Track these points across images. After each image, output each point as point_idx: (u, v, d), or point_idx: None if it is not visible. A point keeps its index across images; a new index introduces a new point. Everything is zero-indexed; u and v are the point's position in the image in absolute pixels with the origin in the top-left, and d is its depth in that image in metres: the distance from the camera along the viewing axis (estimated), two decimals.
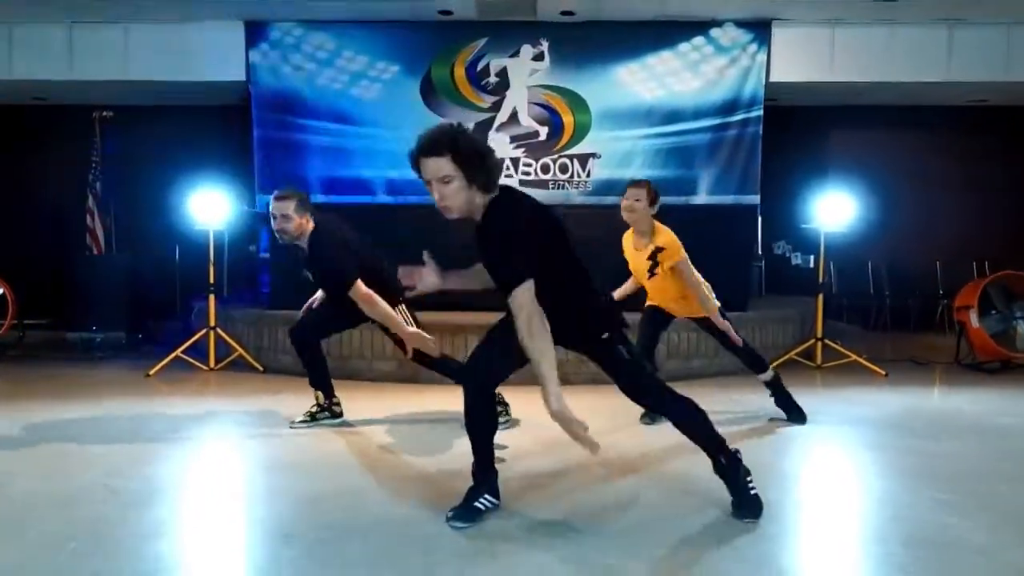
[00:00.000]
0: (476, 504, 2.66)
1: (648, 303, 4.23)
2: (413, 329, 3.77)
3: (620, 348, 2.63)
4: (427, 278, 2.62)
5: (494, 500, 2.72)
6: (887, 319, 8.51)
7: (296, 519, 2.66)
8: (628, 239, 4.11)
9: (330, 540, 2.46)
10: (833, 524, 2.83)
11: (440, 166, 2.31)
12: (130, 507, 2.80)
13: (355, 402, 4.42)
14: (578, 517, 2.72)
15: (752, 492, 2.71)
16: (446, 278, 2.66)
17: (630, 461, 3.44)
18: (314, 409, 4.14)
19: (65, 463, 3.36)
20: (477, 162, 2.33)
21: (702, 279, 4.00)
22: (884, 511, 2.93)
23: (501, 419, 3.75)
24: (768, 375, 4.25)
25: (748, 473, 2.73)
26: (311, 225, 3.85)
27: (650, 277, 4.02)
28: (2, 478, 3.06)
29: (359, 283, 3.68)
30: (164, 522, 2.69)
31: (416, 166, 2.37)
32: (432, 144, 2.32)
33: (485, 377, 2.66)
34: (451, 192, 2.33)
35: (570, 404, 2.29)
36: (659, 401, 2.76)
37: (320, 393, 4.14)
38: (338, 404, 4.19)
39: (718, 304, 4.04)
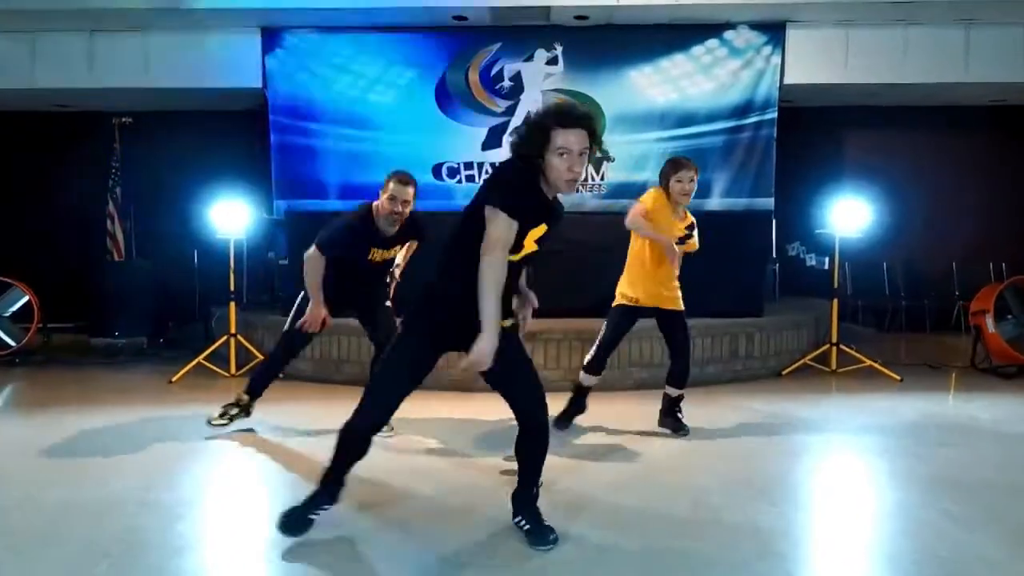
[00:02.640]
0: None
1: (627, 304, 4.14)
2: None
3: None
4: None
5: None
6: (902, 320, 8.50)
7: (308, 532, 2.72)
8: (665, 208, 4.04)
9: (363, 534, 2.53)
10: (843, 539, 2.86)
11: (585, 140, 2.44)
12: (162, 519, 2.88)
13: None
14: (589, 528, 2.78)
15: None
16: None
17: (646, 470, 3.50)
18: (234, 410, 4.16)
19: (96, 471, 3.46)
20: (597, 147, 2.51)
21: None
22: (895, 524, 2.98)
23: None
24: (676, 392, 4.19)
25: None
26: None
27: (679, 243, 4.05)
28: (35, 487, 3.17)
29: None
30: (192, 536, 2.78)
31: (550, 132, 2.42)
32: (585, 117, 2.46)
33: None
34: (583, 166, 2.47)
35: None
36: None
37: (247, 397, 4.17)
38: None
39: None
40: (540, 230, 2.51)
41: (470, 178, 7.80)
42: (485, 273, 2.36)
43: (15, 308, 6.46)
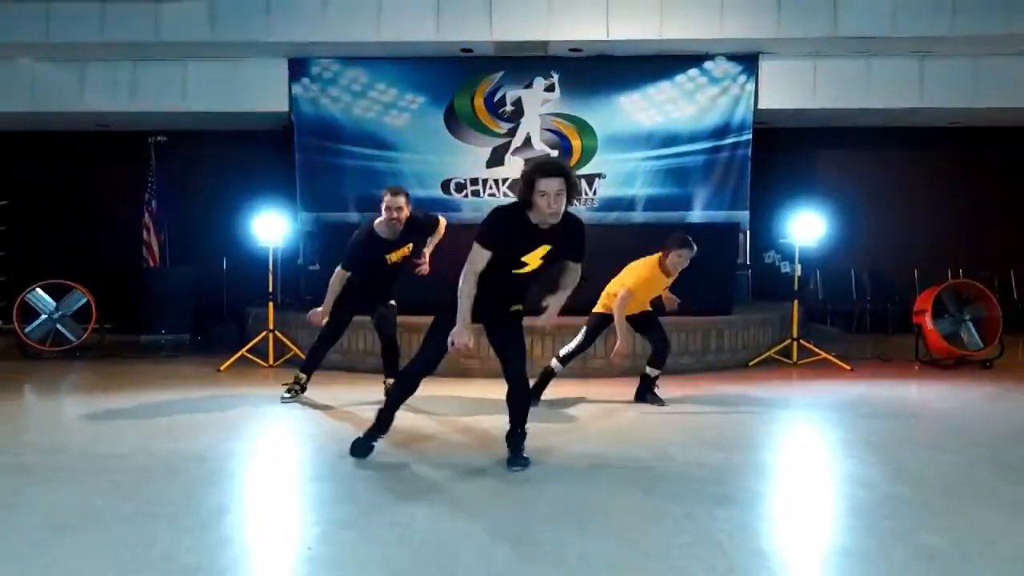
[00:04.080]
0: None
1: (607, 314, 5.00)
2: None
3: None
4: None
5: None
6: (868, 323, 9.33)
7: (354, 469, 3.55)
8: (660, 277, 4.92)
9: (381, 478, 3.37)
10: (769, 471, 3.74)
11: (560, 184, 3.30)
12: (242, 461, 3.77)
13: None
14: (578, 467, 3.61)
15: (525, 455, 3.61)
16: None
17: (622, 429, 4.33)
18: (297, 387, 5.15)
19: (184, 431, 4.32)
20: (573, 189, 3.36)
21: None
22: (813, 463, 3.90)
23: None
24: (655, 372, 5.09)
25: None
26: None
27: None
28: (145, 440, 4.04)
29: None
30: (269, 468, 3.63)
31: (534, 181, 3.29)
32: (560, 169, 3.36)
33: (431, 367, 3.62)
34: (562, 202, 3.32)
35: None
36: (525, 376, 3.63)
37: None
38: None
39: None
40: (542, 251, 3.43)
41: (475, 193, 8.65)
42: (460, 286, 3.36)
43: (75, 308, 7.26)
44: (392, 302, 5.14)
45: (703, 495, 3.18)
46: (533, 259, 3.43)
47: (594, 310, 5.02)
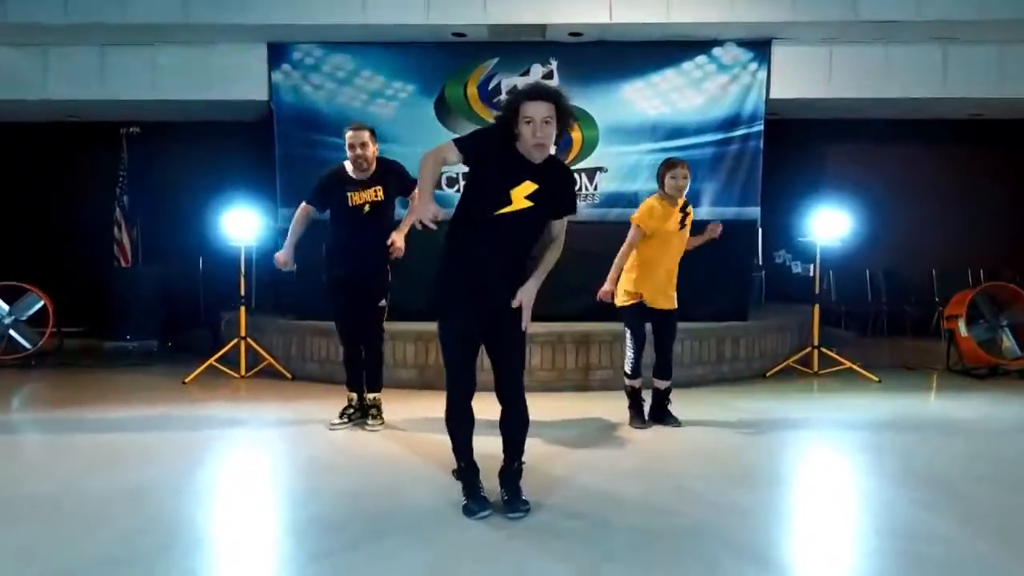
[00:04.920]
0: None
1: (638, 302, 4.45)
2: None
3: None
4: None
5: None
6: (884, 325, 8.81)
7: (333, 513, 2.99)
8: (658, 209, 4.46)
9: (366, 531, 2.80)
10: (811, 519, 3.16)
11: (549, 110, 2.80)
12: (191, 503, 3.16)
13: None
14: (589, 510, 3.06)
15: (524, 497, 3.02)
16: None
17: (637, 459, 3.78)
18: (350, 410, 4.51)
19: (128, 462, 3.73)
20: (566, 117, 2.86)
21: None
22: (865, 507, 3.28)
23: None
24: (664, 384, 4.55)
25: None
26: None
27: (680, 228, 4.53)
28: (76, 476, 3.44)
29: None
30: (222, 515, 3.04)
31: (518, 106, 2.82)
32: (548, 92, 2.87)
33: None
34: (550, 132, 2.82)
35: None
36: (520, 394, 3.00)
37: (354, 395, 4.51)
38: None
39: None
40: (526, 187, 2.85)
41: None
42: (420, 168, 2.85)
43: (31, 312, 6.67)
44: (383, 303, 4.45)
45: (741, 556, 2.63)
46: (518, 197, 2.84)
47: (617, 304, 4.46)
